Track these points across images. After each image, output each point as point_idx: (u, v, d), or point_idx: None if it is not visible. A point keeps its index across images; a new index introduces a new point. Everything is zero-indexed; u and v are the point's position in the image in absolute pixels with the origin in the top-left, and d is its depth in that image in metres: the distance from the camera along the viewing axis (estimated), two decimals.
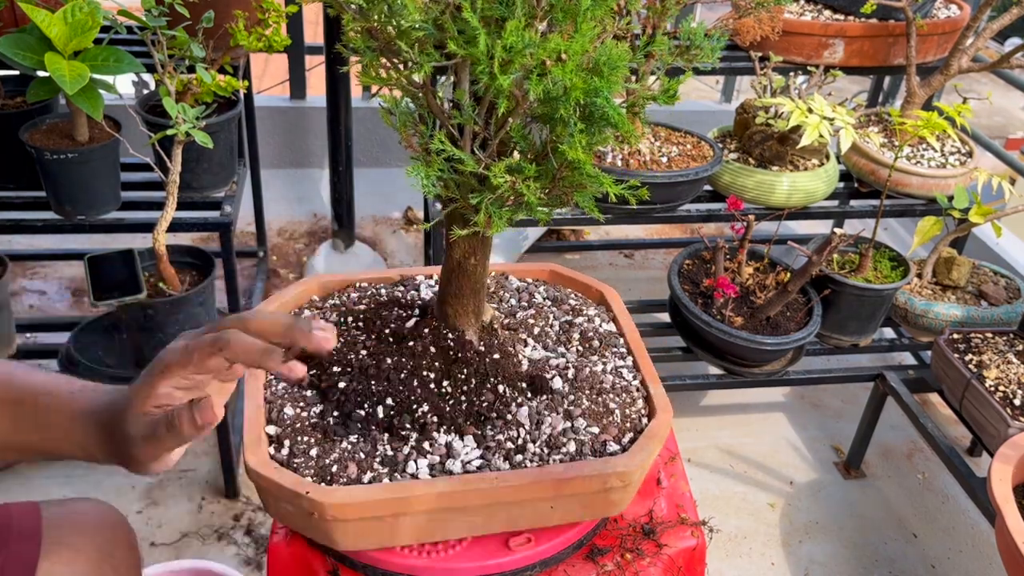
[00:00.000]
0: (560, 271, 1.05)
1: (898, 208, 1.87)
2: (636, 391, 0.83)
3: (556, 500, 0.73)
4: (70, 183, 1.51)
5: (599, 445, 0.76)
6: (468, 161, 0.66)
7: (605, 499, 0.75)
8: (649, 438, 0.76)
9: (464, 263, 0.80)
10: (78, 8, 1.22)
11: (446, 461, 0.74)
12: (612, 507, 0.77)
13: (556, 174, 0.66)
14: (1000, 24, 1.71)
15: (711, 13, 4.08)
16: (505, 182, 0.65)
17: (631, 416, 0.80)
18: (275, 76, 3.49)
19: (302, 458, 0.74)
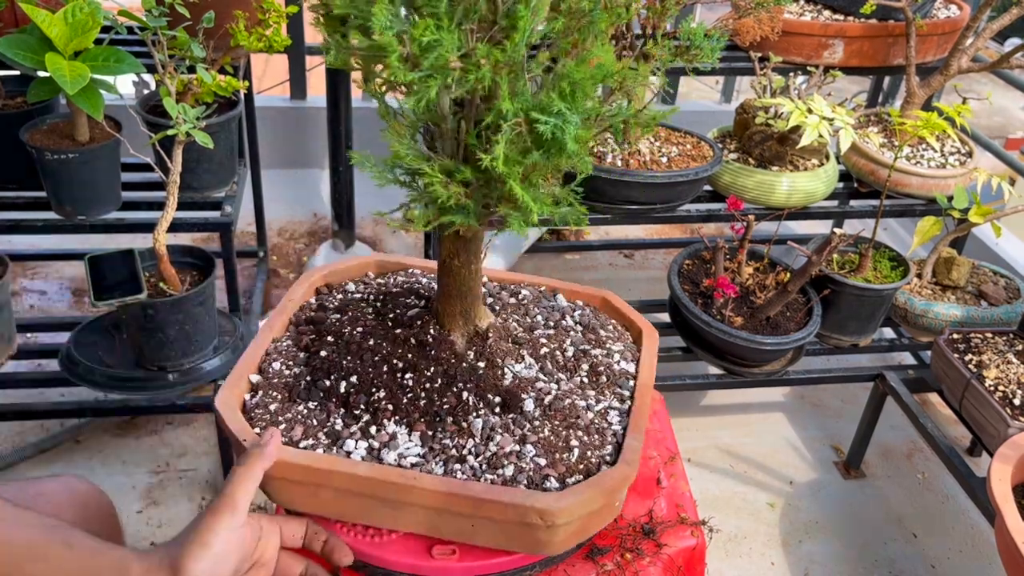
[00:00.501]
0: (612, 300, 1.02)
1: (898, 208, 1.87)
2: (611, 437, 0.78)
3: (475, 520, 0.71)
4: (70, 183, 1.51)
5: (539, 478, 0.72)
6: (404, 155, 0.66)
7: (529, 535, 0.71)
8: (591, 486, 0.71)
9: (448, 263, 0.80)
10: (78, 8, 1.22)
11: (383, 449, 0.74)
12: (540, 546, 0.73)
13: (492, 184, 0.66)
14: (1000, 24, 1.71)
15: (711, 13, 4.08)
16: (436, 182, 0.65)
17: (590, 459, 0.75)
18: (275, 76, 3.49)
19: (262, 410, 0.77)
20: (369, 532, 0.76)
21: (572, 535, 0.73)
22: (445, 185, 0.65)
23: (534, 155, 0.61)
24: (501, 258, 2.43)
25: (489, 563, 0.74)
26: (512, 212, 0.66)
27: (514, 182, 0.61)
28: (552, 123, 0.58)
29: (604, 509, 0.74)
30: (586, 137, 0.65)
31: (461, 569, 0.74)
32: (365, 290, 0.96)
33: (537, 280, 1.03)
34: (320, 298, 0.95)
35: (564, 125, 0.58)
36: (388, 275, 1.01)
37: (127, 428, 1.84)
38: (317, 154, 2.98)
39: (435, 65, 0.56)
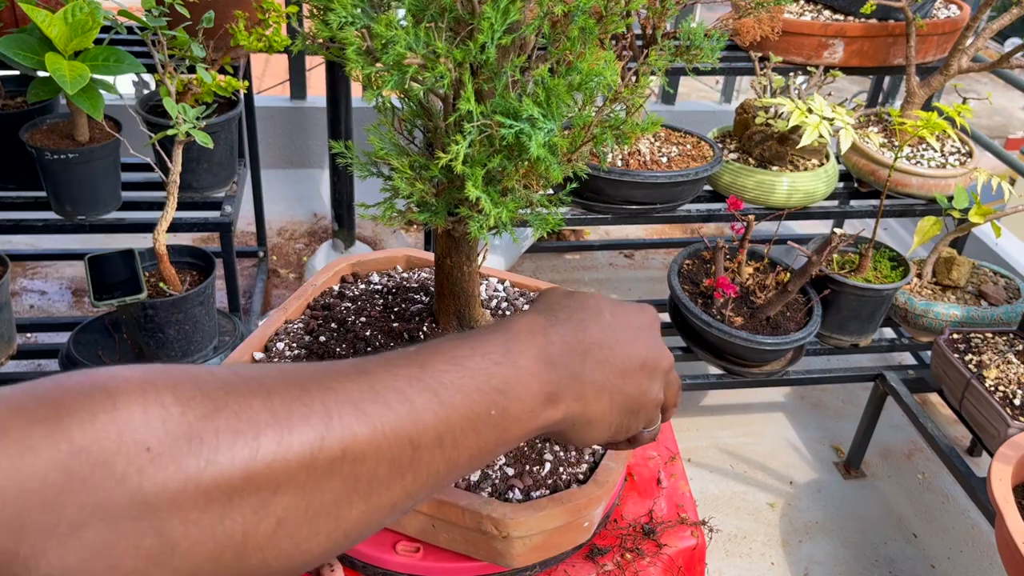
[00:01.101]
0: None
1: (898, 208, 1.87)
2: (590, 456, 0.76)
3: (436, 521, 0.70)
4: (70, 183, 1.51)
5: (504, 487, 0.71)
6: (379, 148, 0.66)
7: (486, 543, 0.70)
8: (554, 501, 0.69)
9: (442, 262, 0.80)
10: (78, 8, 1.22)
11: None
12: (497, 556, 0.71)
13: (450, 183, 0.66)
14: (1000, 24, 1.71)
15: (711, 13, 4.07)
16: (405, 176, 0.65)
17: (561, 475, 0.73)
18: (275, 76, 3.50)
19: None
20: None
21: (532, 550, 0.71)
22: (411, 182, 0.65)
23: (495, 159, 0.61)
24: (501, 258, 2.43)
25: (453, 566, 0.73)
26: (473, 214, 0.65)
27: (472, 183, 0.60)
28: (517, 128, 0.57)
29: (568, 527, 0.72)
30: (563, 145, 0.64)
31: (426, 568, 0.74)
32: (386, 283, 0.97)
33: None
34: (343, 286, 0.96)
35: (532, 131, 0.57)
36: (414, 270, 1.01)
37: None
38: (317, 154, 2.98)
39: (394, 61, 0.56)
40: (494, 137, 0.60)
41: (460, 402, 0.43)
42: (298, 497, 0.37)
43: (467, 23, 0.58)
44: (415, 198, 0.66)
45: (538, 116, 0.58)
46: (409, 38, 0.55)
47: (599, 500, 0.71)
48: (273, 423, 0.36)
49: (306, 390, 0.38)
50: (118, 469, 0.32)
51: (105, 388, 0.33)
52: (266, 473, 0.35)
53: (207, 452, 0.34)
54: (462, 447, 0.43)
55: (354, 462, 0.38)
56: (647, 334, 0.55)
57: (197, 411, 0.35)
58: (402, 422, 0.40)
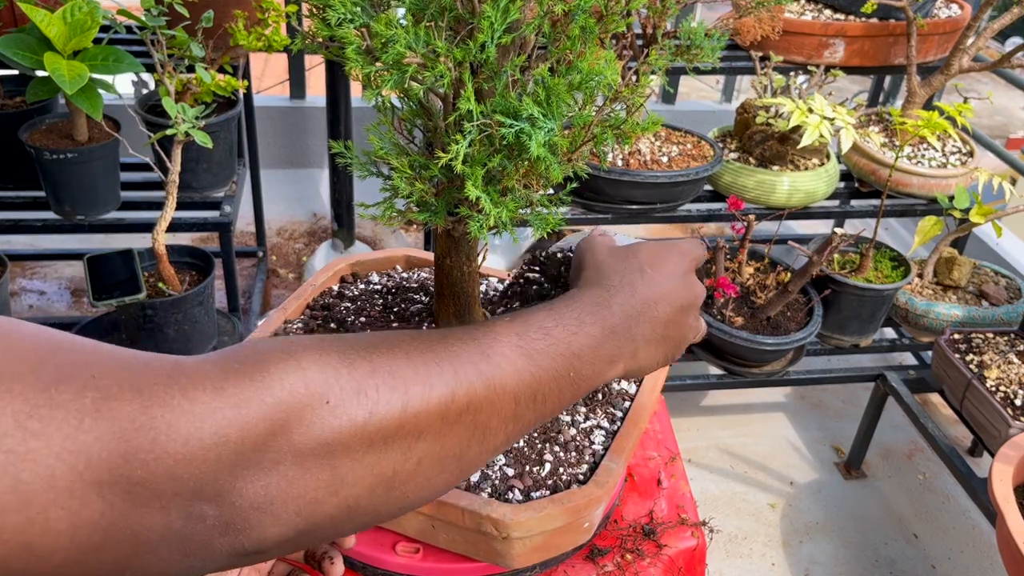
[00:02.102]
0: None
1: (899, 208, 1.87)
2: (590, 457, 0.75)
3: (436, 521, 0.70)
4: (70, 183, 1.51)
5: (504, 488, 0.71)
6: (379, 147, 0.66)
7: (486, 544, 0.70)
8: (554, 502, 0.69)
9: (442, 261, 0.80)
10: (77, 8, 1.22)
11: None
12: (497, 557, 0.71)
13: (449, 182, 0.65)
14: (1001, 24, 1.71)
15: (711, 13, 4.08)
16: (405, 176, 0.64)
17: (562, 476, 0.73)
18: (275, 76, 3.49)
19: None
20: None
21: (532, 551, 0.71)
22: (411, 182, 0.65)
23: (495, 158, 0.60)
24: (501, 258, 2.43)
25: (453, 567, 0.73)
26: (473, 214, 0.65)
27: (472, 183, 0.60)
28: (518, 127, 0.57)
29: (568, 528, 0.71)
30: (563, 145, 0.64)
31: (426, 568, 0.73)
32: (387, 282, 0.97)
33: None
34: (343, 286, 0.96)
35: (533, 131, 0.57)
36: (413, 271, 1.01)
37: None
38: (316, 154, 2.98)
39: (393, 60, 0.56)
40: (494, 136, 0.59)
41: (549, 365, 0.52)
42: (433, 441, 0.45)
43: (467, 22, 0.58)
44: (415, 198, 0.66)
45: (538, 115, 0.57)
46: (409, 37, 0.55)
47: (599, 500, 0.71)
48: (416, 380, 0.44)
49: (436, 352, 0.47)
50: (307, 418, 0.39)
51: (291, 352, 0.41)
52: (413, 421, 0.43)
53: (370, 404, 0.41)
54: (548, 402, 0.52)
55: (475, 412, 0.47)
56: (682, 278, 0.64)
57: (361, 370, 0.42)
58: (508, 380, 0.49)
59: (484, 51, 0.57)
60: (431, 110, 0.66)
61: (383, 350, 0.45)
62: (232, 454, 0.37)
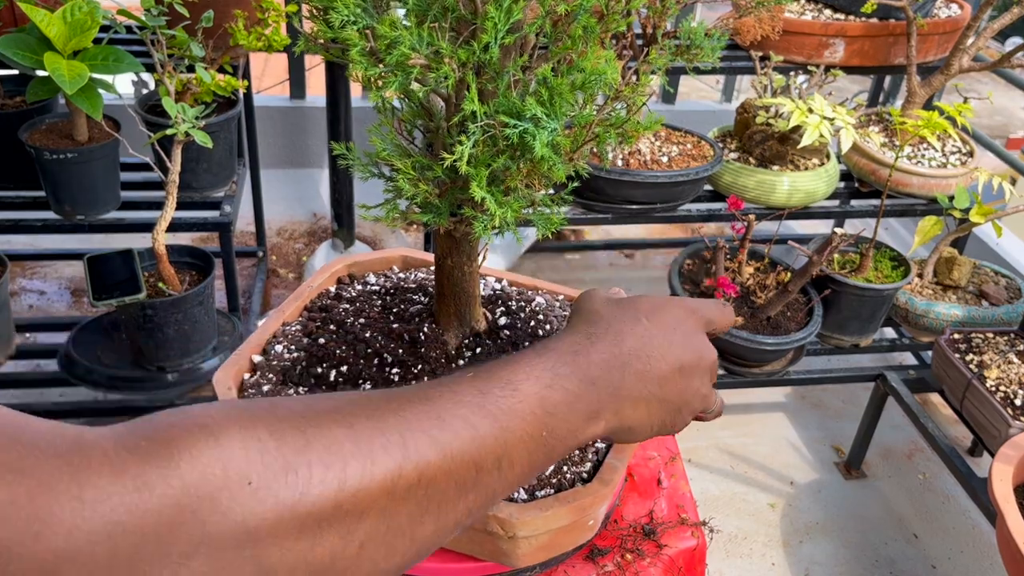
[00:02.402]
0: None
1: (899, 208, 1.87)
2: (593, 454, 0.76)
3: None
4: (70, 183, 1.50)
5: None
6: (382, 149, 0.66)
7: (492, 543, 0.69)
8: (559, 501, 0.69)
9: (442, 263, 0.80)
10: (77, 8, 1.22)
11: None
12: (503, 556, 0.71)
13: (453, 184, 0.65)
14: (1001, 24, 1.71)
15: (711, 12, 4.08)
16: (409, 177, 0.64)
17: (565, 474, 0.73)
18: (275, 76, 3.49)
19: (255, 390, 0.77)
20: None
21: (538, 549, 0.71)
22: (415, 183, 0.65)
23: (500, 159, 0.60)
24: (501, 258, 2.43)
25: (459, 567, 0.73)
26: (477, 215, 0.65)
27: (477, 184, 0.60)
28: (521, 127, 0.57)
29: (574, 526, 0.72)
30: (566, 145, 0.64)
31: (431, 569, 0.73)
32: (384, 283, 0.96)
33: (556, 288, 1.02)
34: (340, 287, 0.96)
35: (536, 131, 0.57)
36: (411, 271, 1.01)
37: None
38: (317, 154, 2.98)
39: (397, 61, 0.56)
40: (497, 137, 0.59)
41: (517, 426, 0.46)
42: (379, 521, 0.40)
43: (469, 23, 0.58)
44: (419, 199, 0.66)
45: (542, 115, 0.57)
46: (413, 38, 0.55)
47: (604, 498, 0.71)
48: (358, 454, 0.39)
49: (382, 419, 0.41)
50: (223, 503, 0.34)
51: (207, 426, 0.36)
52: (352, 501, 0.38)
53: (301, 484, 0.36)
54: (517, 466, 0.46)
55: (427, 486, 0.41)
56: (685, 335, 0.58)
57: (292, 445, 0.37)
58: (467, 447, 0.43)
59: (487, 52, 0.57)
60: (432, 111, 0.66)
61: (320, 419, 0.40)
62: (130, 547, 0.31)
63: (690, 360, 0.57)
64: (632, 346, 0.54)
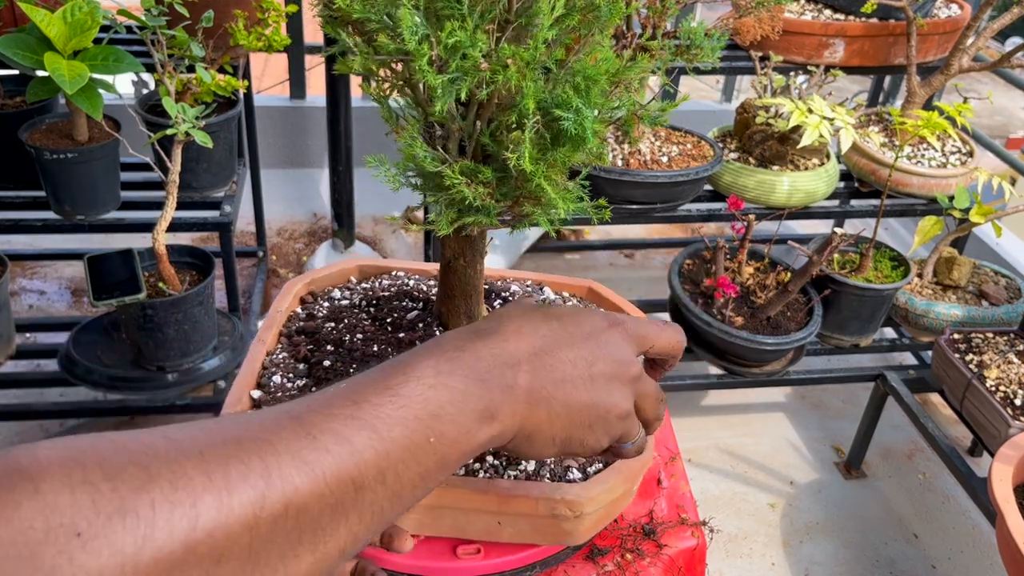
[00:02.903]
0: (598, 290, 1.02)
1: (899, 208, 1.87)
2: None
3: (503, 516, 0.71)
4: (70, 183, 1.51)
5: (560, 469, 0.73)
6: (425, 159, 0.65)
7: (557, 527, 0.72)
8: (615, 472, 0.72)
9: (454, 263, 0.80)
10: (77, 8, 1.22)
11: None
12: (565, 536, 0.73)
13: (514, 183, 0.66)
14: (1001, 24, 1.71)
15: (711, 12, 4.08)
16: (457, 183, 0.64)
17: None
18: (275, 76, 3.49)
19: None
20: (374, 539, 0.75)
21: (596, 522, 0.74)
22: (470, 186, 0.65)
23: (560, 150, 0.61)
24: (502, 258, 2.43)
25: (509, 559, 0.75)
26: (537, 210, 0.66)
27: (541, 179, 0.61)
28: (571, 119, 0.58)
29: (624, 496, 0.76)
30: (602, 131, 0.65)
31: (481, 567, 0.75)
32: (352, 296, 0.94)
33: (522, 275, 1.03)
34: (306, 307, 0.93)
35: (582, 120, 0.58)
36: (371, 279, 0.99)
37: (126, 428, 1.84)
38: (317, 154, 2.98)
39: (463, 67, 0.56)
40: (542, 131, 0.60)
41: (399, 434, 0.41)
42: (243, 561, 0.35)
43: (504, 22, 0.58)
44: (477, 202, 0.66)
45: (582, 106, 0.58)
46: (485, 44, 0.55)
47: (646, 464, 0.75)
48: (211, 487, 0.34)
49: (241, 446, 0.36)
50: (47, 561, 0.29)
51: (26, 472, 0.31)
52: (208, 542, 0.33)
53: (144, 528, 0.31)
54: (404, 479, 0.42)
55: (298, 515, 0.36)
56: (601, 344, 0.52)
57: (130, 484, 0.32)
58: (343, 465, 0.38)
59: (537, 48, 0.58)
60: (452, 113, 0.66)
61: (169, 451, 0.34)
62: None
63: (605, 370, 0.51)
64: (529, 344, 0.50)
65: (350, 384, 0.43)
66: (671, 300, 1.77)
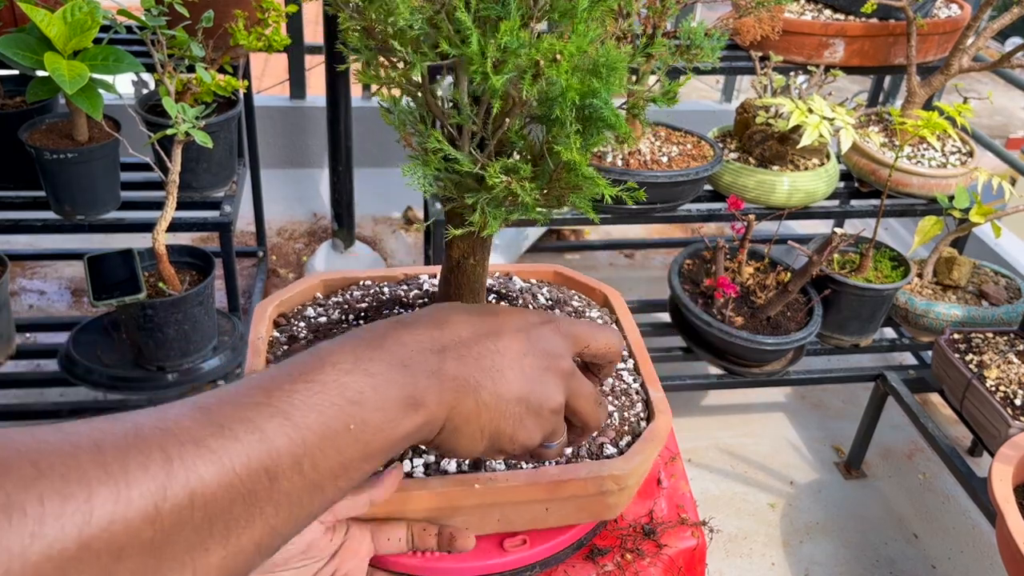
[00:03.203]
0: (564, 272, 1.04)
1: (899, 208, 1.87)
2: (636, 394, 0.82)
3: (551, 503, 0.73)
4: (70, 183, 1.51)
5: (596, 447, 0.75)
6: (464, 161, 0.66)
7: (601, 502, 0.74)
8: (647, 441, 0.75)
9: (463, 263, 0.80)
10: (77, 8, 1.22)
11: (441, 461, 0.74)
12: (608, 510, 0.76)
13: (552, 175, 0.66)
14: (1000, 24, 1.71)
15: (711, 13, 4.08)
16: (501, 182, 0.65)
17: (629, 419, 0.79)
18: (275, 76, 3.49)
19: None
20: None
21: (632, 494, 0.77)
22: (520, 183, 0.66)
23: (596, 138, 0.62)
24: (502, 257, 2.43)
25: (553, 543, 0.77)
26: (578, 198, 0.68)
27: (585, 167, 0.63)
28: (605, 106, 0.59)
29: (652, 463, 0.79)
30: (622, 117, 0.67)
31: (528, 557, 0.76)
32: (329, 311, 0.92)
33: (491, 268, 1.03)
34: (282, 330, 0.90)
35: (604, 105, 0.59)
36: (339, 292, 0.97)
37: None
38: (317, 154, 2.98)
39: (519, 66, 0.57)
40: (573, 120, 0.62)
41: (315, 421, 0.39)
42: (146, 556, 0.32)
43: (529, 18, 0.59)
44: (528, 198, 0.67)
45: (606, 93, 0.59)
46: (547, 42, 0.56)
47: (670, 425, 0.78)
48: (107, 480, 0.32)
49: (141, 437, 0.34)
50: None
51: None
52: (104, 537, 0.31)
53: (32, 525, 0.29)
54: (323, 469, 0.39)
55: (205, 506, 0.34)
56: (529, 335, 0.51)
57: (16, 480, 0.30)
58: (254, 453, 0.36)
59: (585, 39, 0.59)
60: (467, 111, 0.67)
61: (63, 445, 0.32)
62: None
63: (536, 362, 0.50)
64: (457, 332, 0.48)
65: (261, 375, 0.41)
66: (671, 300, 1.77)
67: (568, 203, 0.69)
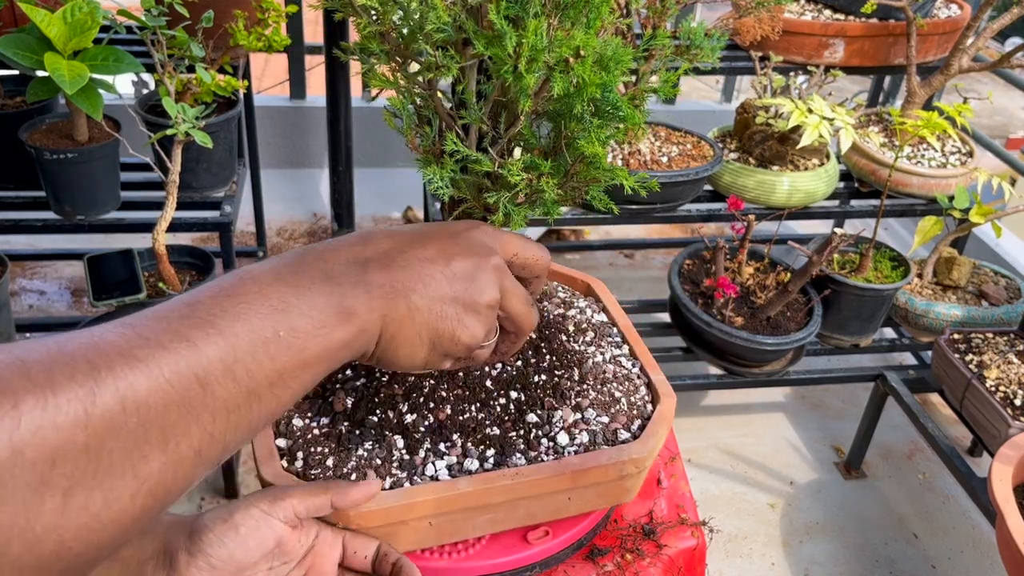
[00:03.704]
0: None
1: (898, 208, 1.87)
2: (637, 379, 0.83)
3: (573, 491, 0.73)
4: (70, 183, 1.51)
5: (610, 434, 0.76)
6: (484, 161, 0.66)
7: (620, 487, 0.76)
8: (657, 423, 0.77)
9: None
10: (77, 8, 1.22)
11: (464, 460, 0.74)
12: (626, 494, 0.78)
13: (569, 169, 0.67)
14: (1000, 24, 1.71)
15: (711, 13, 4.08)
16: (522, 179, 0.65)
17: (636, 403, 0.80)
18: (275, 76, 3.49)
19: (319, 469, 0.71)
20: (457, 547, 0.75)
21: (646, 474, 0.79)
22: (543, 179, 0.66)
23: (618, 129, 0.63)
24: None
25: (572, 532, 0.78)
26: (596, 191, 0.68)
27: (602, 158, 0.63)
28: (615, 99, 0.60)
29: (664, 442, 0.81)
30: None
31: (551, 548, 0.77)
32: None
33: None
34: None
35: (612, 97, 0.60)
36: None
37: None
38: (316, 154, 2.98)
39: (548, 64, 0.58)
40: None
41: (241, 328, 0.40)
42: (82, 461, 0.33)
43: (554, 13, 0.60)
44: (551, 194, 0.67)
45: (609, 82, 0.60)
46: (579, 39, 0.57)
47: (673, 407, 0.79)
48: (33, 388, 0.32)
49: (65, 352, 0.35)
50: None
51: None
52: (35, 443, 0.32)
53: None
54: (258, 376, 0.40)
55: (138, 411, 0.35)
56: (456, 239, 0.52)
57: None
58: (182, 359, 0.37)
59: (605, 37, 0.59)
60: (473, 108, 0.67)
61: None
62: None
63: (466, 263, 0.51)
64: (382, 245, 0.49)
65: (183, 295, 0.42)
66: (671, 300, 1.77)
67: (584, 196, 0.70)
